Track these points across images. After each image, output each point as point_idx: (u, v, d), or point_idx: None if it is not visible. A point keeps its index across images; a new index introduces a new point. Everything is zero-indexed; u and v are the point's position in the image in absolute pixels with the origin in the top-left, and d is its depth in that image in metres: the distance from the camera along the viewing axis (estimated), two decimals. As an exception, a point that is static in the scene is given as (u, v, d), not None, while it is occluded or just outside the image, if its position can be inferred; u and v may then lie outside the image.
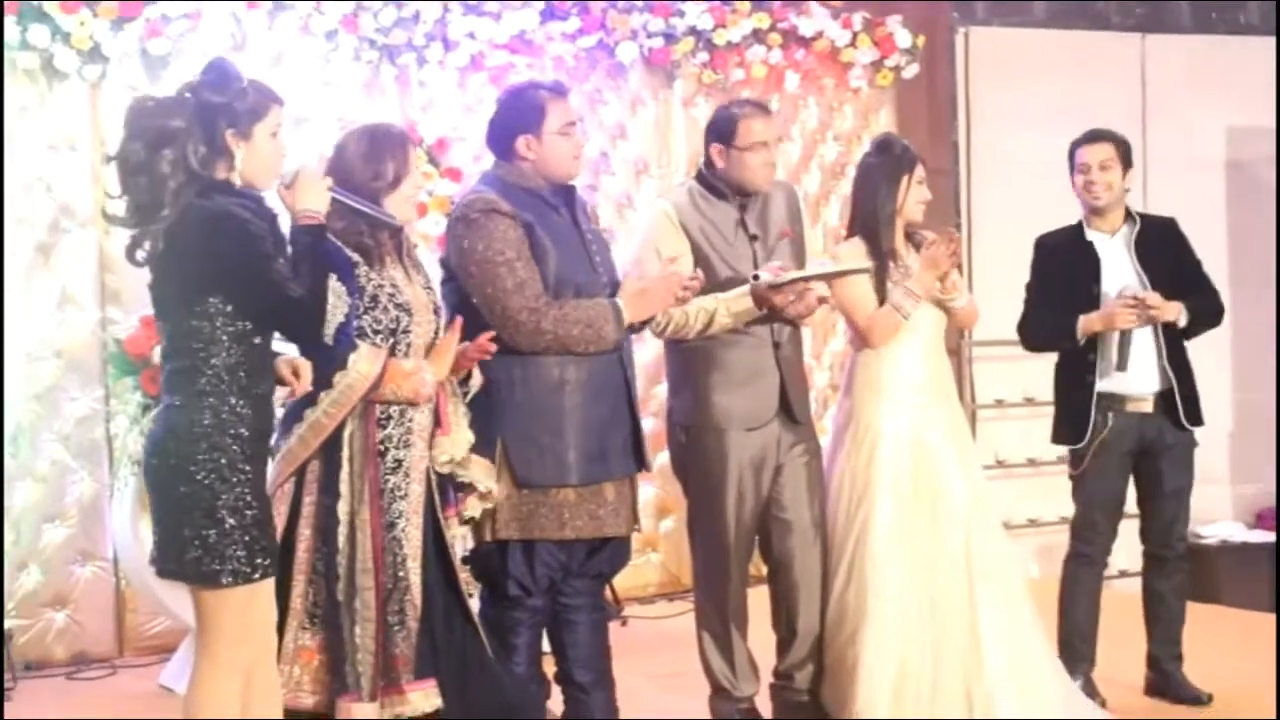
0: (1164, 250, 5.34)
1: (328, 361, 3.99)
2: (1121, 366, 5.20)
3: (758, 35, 7.60)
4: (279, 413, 4.02)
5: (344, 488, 4.04)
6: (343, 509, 4.03)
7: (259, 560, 3.65)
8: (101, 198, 6.28)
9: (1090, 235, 5.35)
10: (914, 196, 5.07)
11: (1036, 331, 5.45)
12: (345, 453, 4.05)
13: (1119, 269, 5.29)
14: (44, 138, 6.36)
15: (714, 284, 4.77)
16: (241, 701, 3.71)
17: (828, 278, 4.85)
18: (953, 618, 4.91)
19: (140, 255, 3.65)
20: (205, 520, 3.59)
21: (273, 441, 3.94)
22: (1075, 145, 5.38)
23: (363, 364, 4.01)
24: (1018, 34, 8.42)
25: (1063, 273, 5.35)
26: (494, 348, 4.27)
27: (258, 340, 3.68)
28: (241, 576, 3.61)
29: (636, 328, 4.58)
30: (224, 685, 3.67)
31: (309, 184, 3.78)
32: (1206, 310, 5.36)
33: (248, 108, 3.66)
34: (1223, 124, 8.82)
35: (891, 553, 4.92)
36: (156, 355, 5.67)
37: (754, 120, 4.87)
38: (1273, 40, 8.60)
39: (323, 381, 3.99)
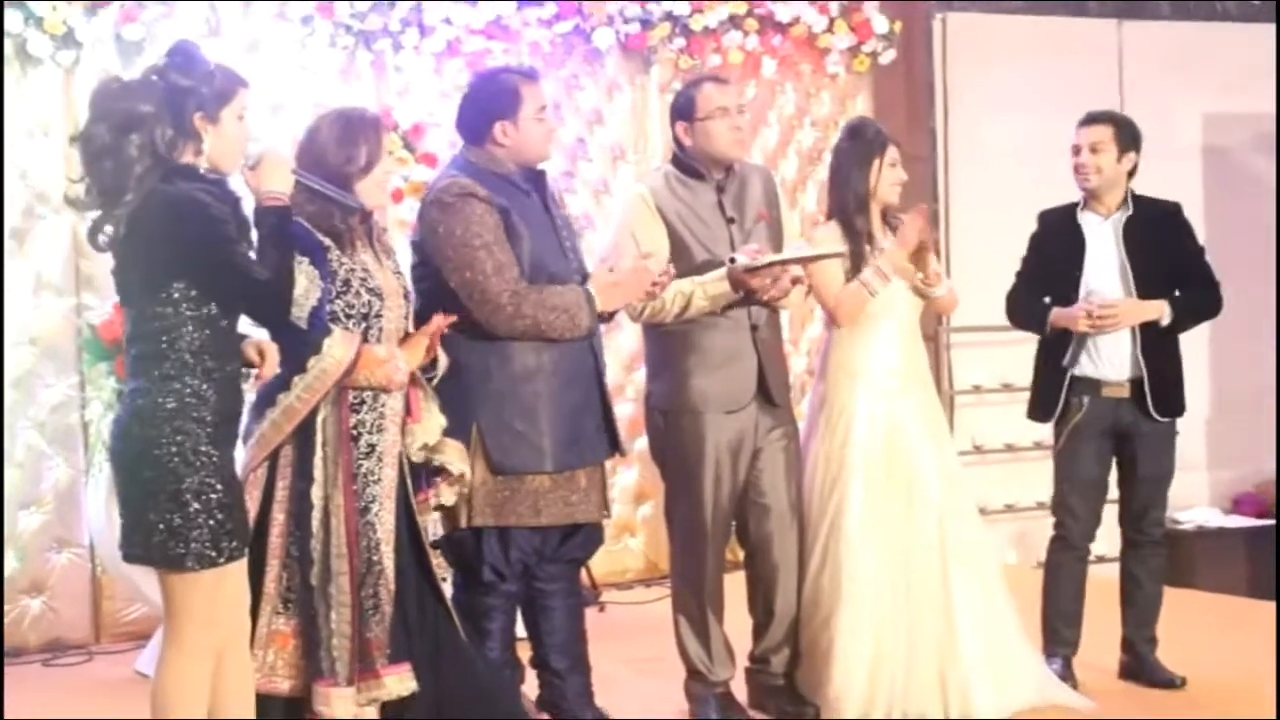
0: (1158, 238, 5.28)
1: (301, 346, 3.98)
2: (1070, 363, 5.21)
3: (734, 21, 7.58)
4: (249, 396, 4.02)
5: (318, 472, 4.04)
6: (316, 494, 4.03)
7: (224, 544, 3.64)
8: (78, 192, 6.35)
9: (1082, 218, 5.32)
10: (887, 179, 5.07)
11: (1015, 310, 5.45)
12: (319, 438, 4.04)
13: (1105, 255, 5.26)
14: (18, 123, 6.32)
15: (691, 267, 4.78)
16: (212, 686, 3.70)
17: (804, 260, 4.85)
18: (927, 602, 4.93)
19: (102, 240, 3.64)
20: (170, 504, 3.58)
21: (243, 425, 3.93)
22: (1075, 130, 5.33)
23: (337, 349, 4.00)
24: (995, 19, 8.41)
25: (1051, 253, 5.34)
26: (445, 328, 4.25)
27: (223, 324, 3.68)
28: (206, 560, 3.60)
29: (606, 316, 4.58)
30: (191, 670, 3.66)
31: (273, 166, 3.77)
32: (1198, 305, 5.31)
33: (215, 91, 3.66)
34: (1199, 111, 8.83)
35: (865, 536, 4.94)
36: (131, 341, 5.68)
37: (708, 88, 4.90)
38: (1250, 27, 8.63)
39: (297, 366, 3.99)
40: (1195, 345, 5.47)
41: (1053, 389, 5.29)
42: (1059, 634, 5.30)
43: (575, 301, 4.43)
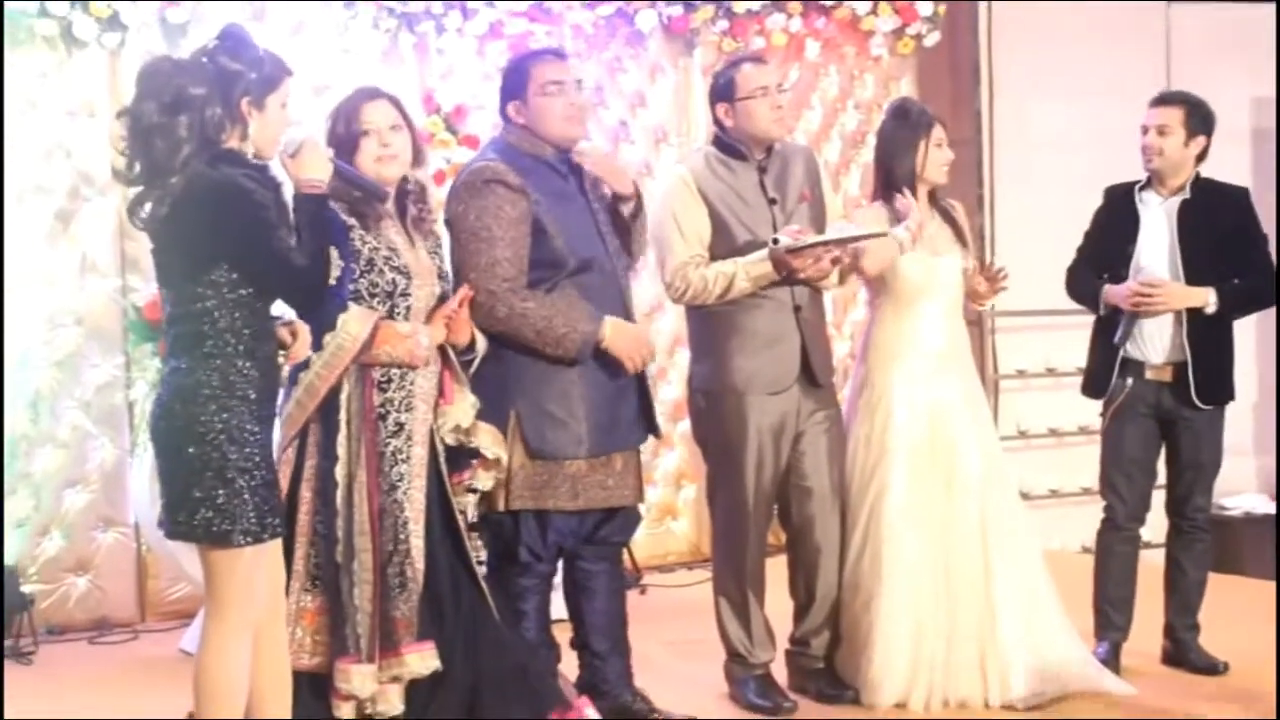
0: (1215, 222, 5.21)
1: (320, 324, 4.01)
2: (1120, 341, 5.17)
3: (777, 3, 7.56)
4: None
5: (341, 451, 4.06)
6: (340, 472, 4.05)
7: (269, 520, 3.67)
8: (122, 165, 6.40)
9: (1141, 197, 5.27)
10: (934, 160, 5.05)
11: (1073, 285, 5.42)
12: (342, 415, 4.07)
13: (1157, 237, 5.22)
14: (63, 105, 6.37)
15: (733, 248, 4.79)
16: (251, 663, 3.73)
17: (846, 241, 4.82)
18: (967, 586, 4.92)
19: (142, 216, 3.66)
20: (215, 481, 3.60)
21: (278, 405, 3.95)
22: (1148, 108, 5.29)
23: (352, 325, 4.03)
24: (1041, 2, 8.33)
25: (1107, 230, 5.32)
26: (463, 304, 4.26)
27: (259, 305, 3.70)
28: (252, 536, 3.63)
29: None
30: (233, 646, 3.69)
31: (312, 154, 3.79)
32: (1249, 293, 5.26)
33: (264, 77, 3.68)
34: (1247, 94, 8.75)
35: (906, 520, 4.93)
36: (175, 321, 5.72)
37: (747, 68, 4.91)
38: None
39: (316, 343, 4.02)
40: (1242, 331, 5.41)
41: (1105, 367, 5.26)
42: (1108, 618, 5.27)
43: (568, 329, 4.39)
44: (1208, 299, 5.15)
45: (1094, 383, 5.33)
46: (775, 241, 4.70)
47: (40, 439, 6.33)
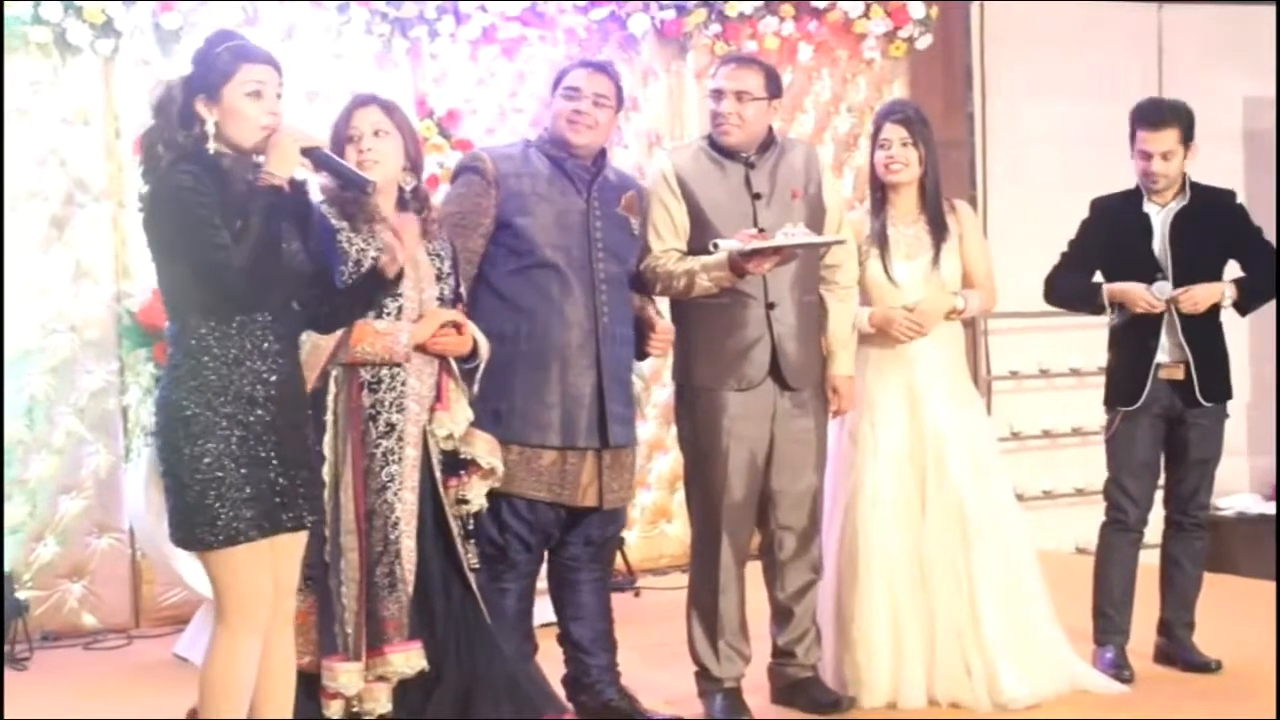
0: (1209, 226, 5.25)
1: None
2: (1112, 323, 5.20)
3: (770, 6, 7.58)
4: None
5: (328, 451, 4.07)
6: (327, 472, 4.05)
7: (249, 521, 3.63)
8: (115, 172, 6.44)
9: (1147, 207, 5.27)
10: (878, 159, 5.03)
11: (1060, 289, 5.40)
12: (329, 416, 4.08)
13: (1159, 243, 5.24)
14: (57, 112, 6.39)
15: (712, 240, 4.71)
16: (260, 666, 3.74)
17: (795, 249, 4.69)
18: (946, 583, 4.91)
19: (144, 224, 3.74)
20: (190, 484, 3.60)
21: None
22: (1135, 122, 5.23)
23: None
24: (1033, 4, 8.37)
25: (1116, 239, 5.29)
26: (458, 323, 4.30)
27: (225, 311, 3.65)
28: (227, 539, 3.62)
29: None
30: (238, 649, 3.69)
31: (277, 145, 3.71)
32: (1256, 283, 5.30)
33: (217, 71, 3.66)
34: (1240, 94, 8.77)
35: (882, 515, 4.93)
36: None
37: (717, 68, 4.96)
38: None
39: None
40: (1236, 330, 5.44)
41: (1139, 371, 5.22)
42: (1112, 621, 5.27)
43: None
44: (1225, 293, 5.20)
45: (1126, 388, 5.26)
46: (715, 246, 4.65)
47: (35, 445, 6.34)
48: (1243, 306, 5.28)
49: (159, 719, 4.89)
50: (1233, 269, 5.38)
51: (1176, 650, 5.32)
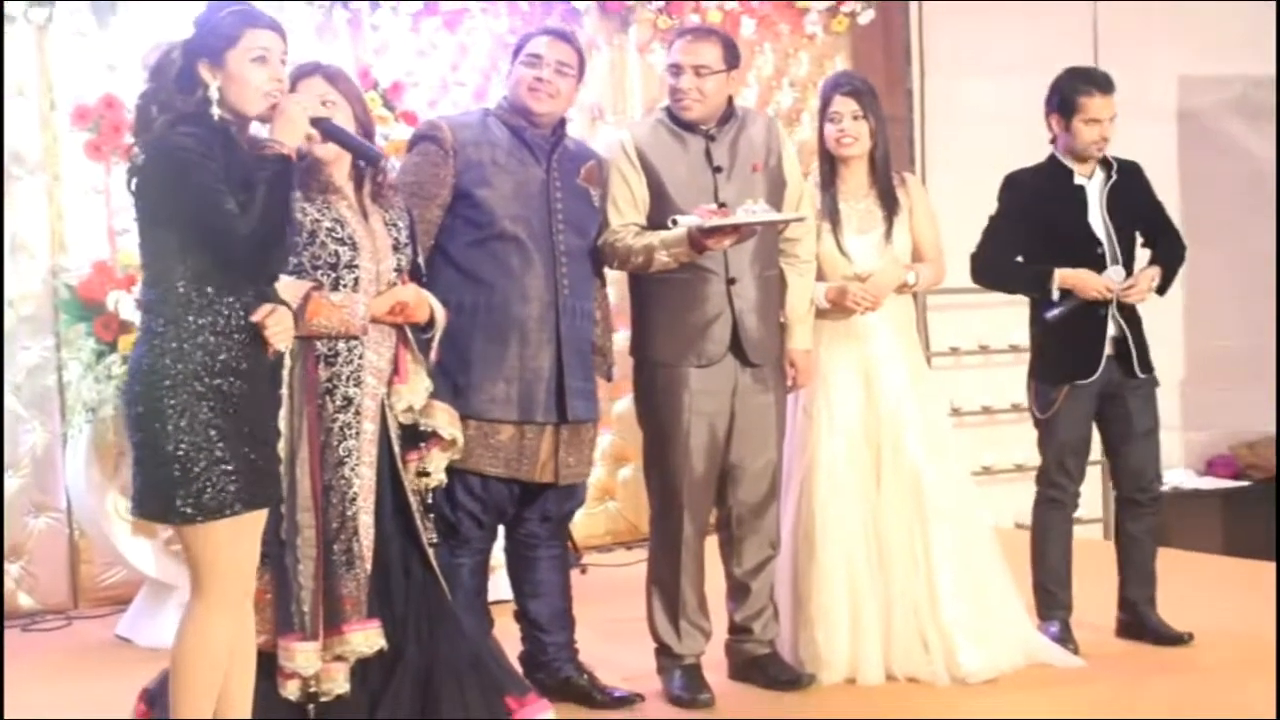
0: (1132, 197, 5.31)
1: None
2: (1056, 320, 5.15)
3: (713, -22, 7.56)
4: None
5: (283, 426, 3.98)
6: (282, 447, 3.97)
7: (223, 497, 3.57)
8: (50, 143, 6.30)
9: (1079, 180, 5.25)
10: (829, 133, 5.02)
11: (999, 269, 5.34)
12: (285, 390, 3.99)
13: (1094, 217, 5.25)
14: (-10, 83, 6.26)
15: (669, 216, 4.68)
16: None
17: (755, 226, 4.63)
18: (902, 558, 4.91)
19: (131, 188, 3.66)
20: (167, 458, 3.54)
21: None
22: (1078, 90, 5.21)
23: (282, 296, 3.95)
24: (972, -21, 8.39)
25: (1049, 214, 5.26)
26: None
27: (213, 277, 3.59)
28: (205, 513, 3.55)
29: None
30: (215, 625, 3.64)
31: (283, 113, 3.68)
32: (1175, 259, 5.37)
33: (219, 36, 3.61)
34: (1175, 73, 8.84)
35: (837, 489, 4.92)
36: (110, 301, 5.64)
37: (673, 41, 4.92)
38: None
39: None
40: (1169, 307, 5.52)
41: (1093, 348, 5.19)
42: (1055, 596, 5.28)
43: None
44: (1155, 278, 5.24)
45: (1078, 363, 5.22)
46: (674, 223, 4.61)
47: (-37, 424, 6.21)
48: (1163, 289, 5.32)
49: (100, 702, 4.81)
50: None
51: (1143, 625, 5.33)
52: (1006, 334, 8.26)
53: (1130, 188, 5.31)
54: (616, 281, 5.12)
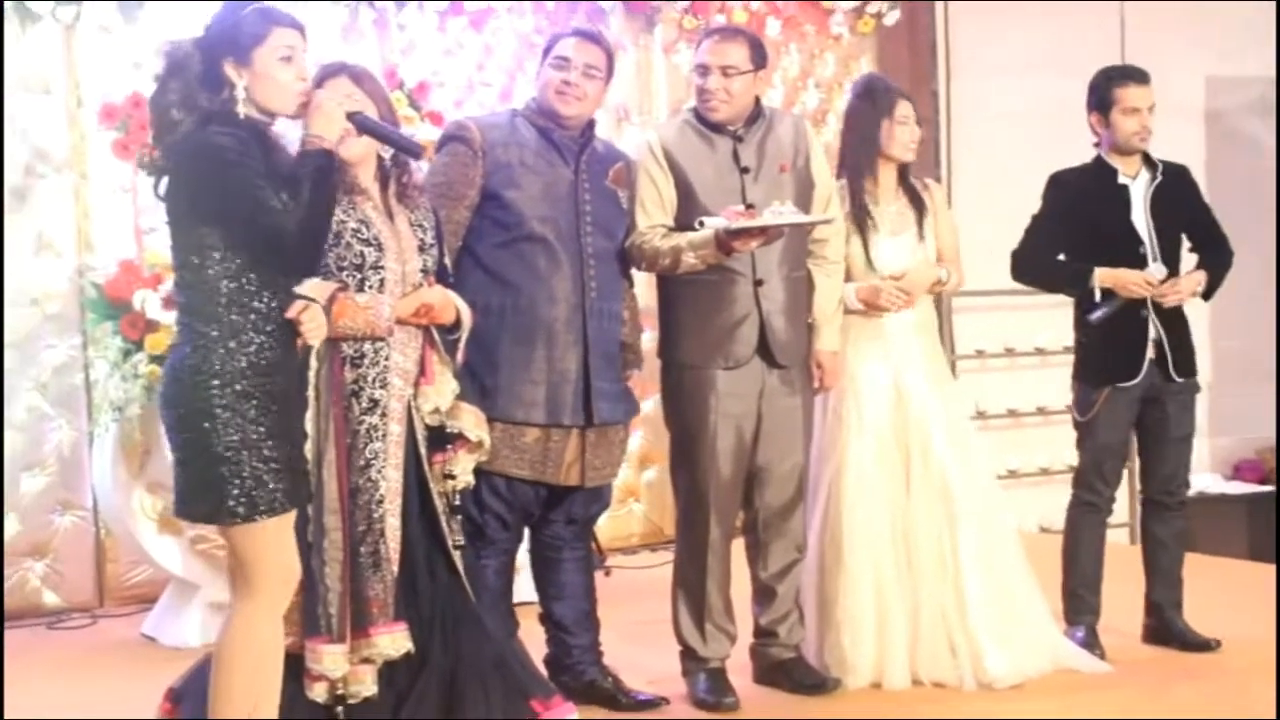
0: (1179, 200, 5.28)
1: None
2: (1099, 321, 5.11)
3: (739, -20, 7.56)
4: None
5: (310, 428, 3.98)
6: (309, 449, 3.97)
7: (272, 497, 3.59)
8: (77, 141, 6.32)
9: (1123, 179, 5.23)
10: (899, 137, 5.02)
11: (1040, 267, 5.32)
12: (311, 392, 3.99)
13: (1138, 218, 5.22)
14: (18, 80, 6.26)
15: (697, 217, 4.65)
16: None
17: (780, 226, 4.60)
18: (931, 562, 4.88)
19: (158, 193, 3.66)
20: (214, 459, 3.54)
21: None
22: (1113, 83, 5.22)
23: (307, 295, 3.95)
24: (998, -21, 8.38)
25: (1093, 214, 5.23)
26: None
27: (253, 274, 3.60)
28: (255, 513, 3.57)
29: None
30: (264, 624, 3.66)
31: (319, 108, 3.69)
32: (1221, 264, 5.34)
33: (246, 34, 3.60)
34: (1201, 73, 8.81)
35: (865, 493, 4.89)
36: (137, 300, 5.64)
37: (700, 41, 4.90)
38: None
39: None
40: (1194, 310, 5.44)
41: (1135, 349, 5.17)
42: (1084, 601, 5.25)
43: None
44: (1200, 283, 5.23)
45: (1122, 364, 5.19)
46: (701, 224, 4.59)
47: (-6, 421, 6.22)
48: (1209, 294, 5.32)
49: (125, 701, 4.82)
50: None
51: (1169, 631, 5.31)
52: (1032, 337, 8.27)
53: (1176, 189, 5.28)
54: (644, 282, 5.10)
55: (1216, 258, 5.34)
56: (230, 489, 3.55)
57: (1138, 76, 5.25)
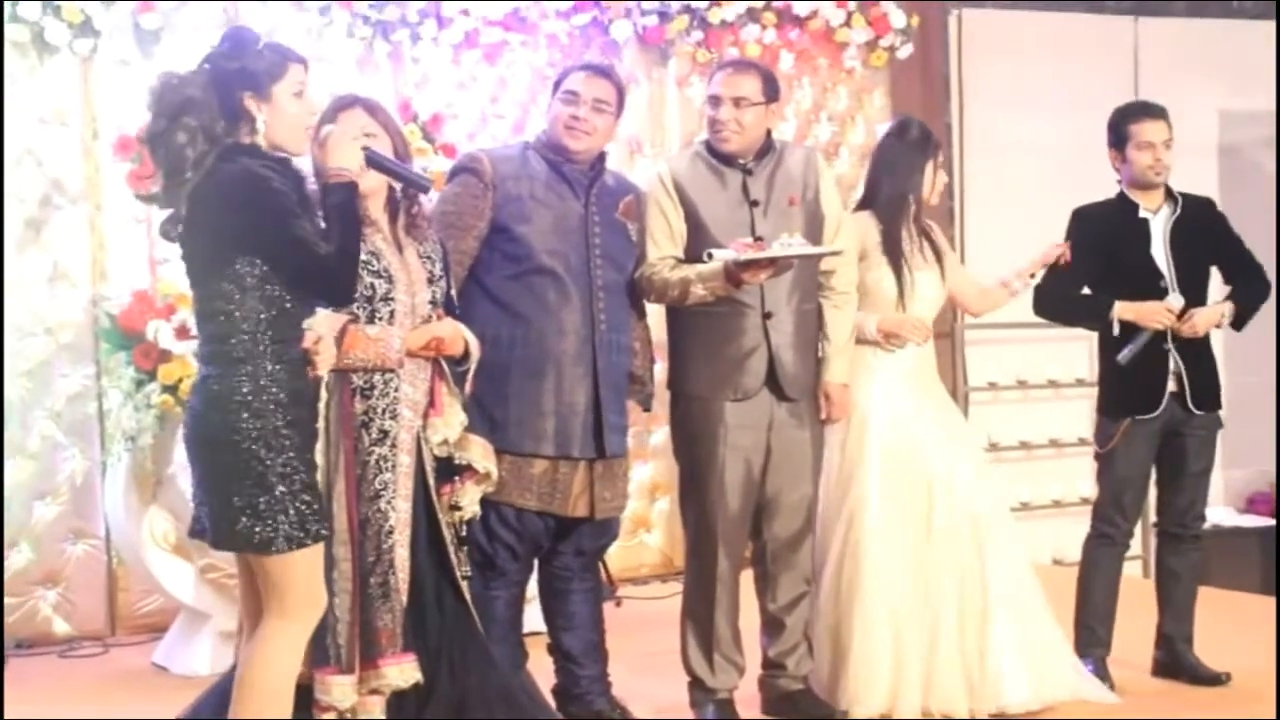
0: (1202, 233, 5.28)
1: None
2: (1127, 359, 5.11)
3: (752, 14, 7.59)
4: None
5: (319, 459, 3.99)
6: (319, 480, 4.00)
7: (310, 524, 3.63)
8: (93, 173, 6.36)
9: (1143, 214, 5.25)
10: (938, 184, 5.12)
11: (1061, 301, 5.33)
12: (321, 423, 4.01)
13: (1156, 249, 5.24)
14: (35, 112, 6.31)
15: (706, 249, 4.67)
16: None
17: (789, 258, 4.60)
18: (952, 595, 4.87)
19: (170, 230, 3.65)
20: (255, 488, 3.57)
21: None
22: (1128, 119, 5.26)
23: (318, 329, 3.97)
24: (1011, 14, 8.41)
25: (1114, 248, 5.25)
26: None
27: (288, 305, 3.64)
28: (295, 541, 3.60)
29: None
30: (292, 648, 3.69)
31: (339, 142, 3.74)
32: (1254, 295, 5.32)
33: (264, 69, 3.62)
34: (1215, 107, 8.82)
35: (883, 528, 4.88)
36: (150, 330, 5.67)
37: (713, 73, 4.92)
38: (1265, 25, 8.60)
39: None
40: (1211, 341, 5.43)
41: (1156, 382, 5.18)
42: (1095, 633, 5.25)
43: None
44: (1225, 314, 5.22)
45: (1142, 397, 5.20)
46: (709, 256, 4.60)
47: (9, 450, 6.22)
48: (1240, 324, 5.30)
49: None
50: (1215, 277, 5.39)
51: (1179, 664, 5.30)
52: (1044, 369, 8.26)
53: (1199, 222, 5.28)
54: (655, 314, 5.12)
55: (1248, 287, 5.32)
56: (276, 517, 3.58)
57: (1152, 112, 5.28)
